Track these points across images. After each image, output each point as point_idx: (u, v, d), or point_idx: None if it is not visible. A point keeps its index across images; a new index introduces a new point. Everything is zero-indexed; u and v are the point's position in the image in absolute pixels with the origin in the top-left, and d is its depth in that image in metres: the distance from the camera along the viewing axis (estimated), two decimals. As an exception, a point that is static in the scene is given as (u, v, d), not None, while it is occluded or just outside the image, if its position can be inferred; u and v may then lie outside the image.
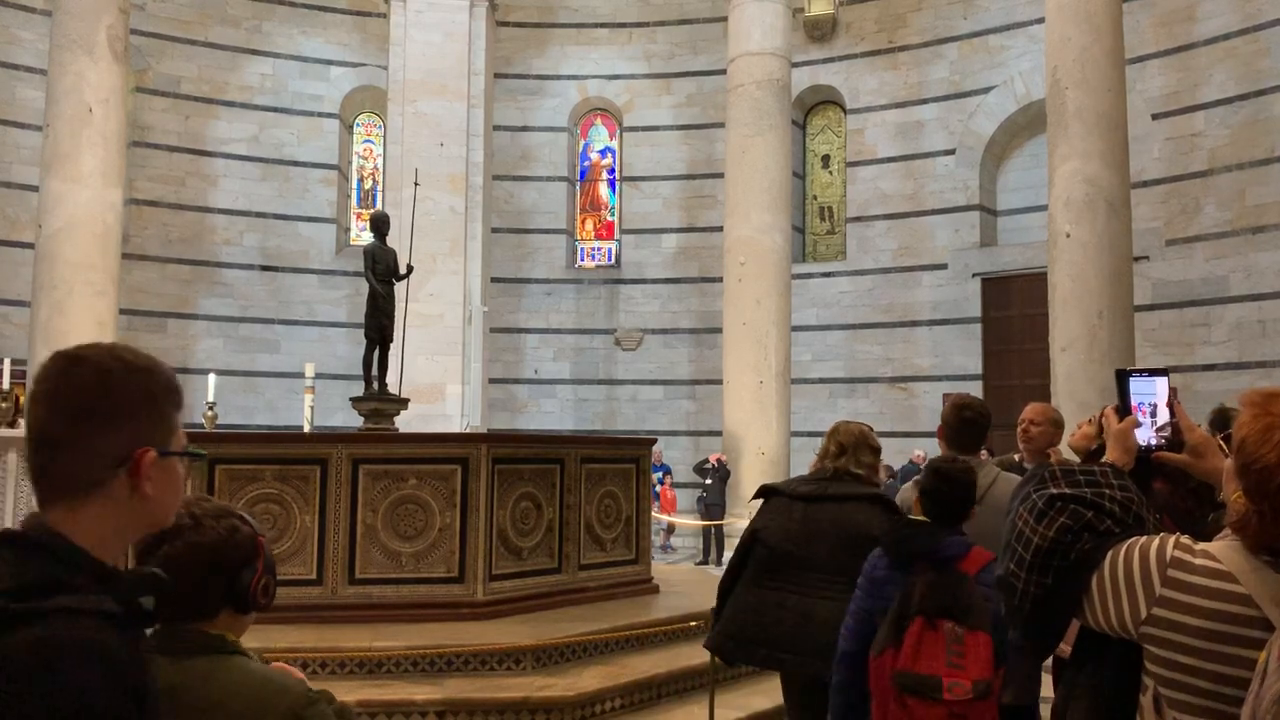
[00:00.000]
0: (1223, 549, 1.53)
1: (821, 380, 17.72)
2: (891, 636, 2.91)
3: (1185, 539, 1.59)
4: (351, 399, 8.00)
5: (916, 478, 3.61)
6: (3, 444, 9.89)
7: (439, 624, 5.65)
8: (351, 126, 19.21)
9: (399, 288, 8.12)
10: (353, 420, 8.68)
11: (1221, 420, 4.48)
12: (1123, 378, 1.98)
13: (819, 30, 18.26)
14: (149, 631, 1.38)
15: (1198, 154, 14.59)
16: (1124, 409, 1.94)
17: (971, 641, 2.86)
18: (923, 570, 2.99)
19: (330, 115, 18.60)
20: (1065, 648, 2.13)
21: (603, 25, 19.36)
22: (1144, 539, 1.63)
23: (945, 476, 3.18)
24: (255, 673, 1.62)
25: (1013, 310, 16.40)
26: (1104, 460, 1.86)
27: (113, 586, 1.15)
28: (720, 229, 15.78)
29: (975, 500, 3.23)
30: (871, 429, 3.91)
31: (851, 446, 3.75)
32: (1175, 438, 1.92)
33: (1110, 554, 1.63)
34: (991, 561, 2.99)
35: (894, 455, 14.53)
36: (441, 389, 15.22)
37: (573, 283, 19.25)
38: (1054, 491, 1.73)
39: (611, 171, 19.89)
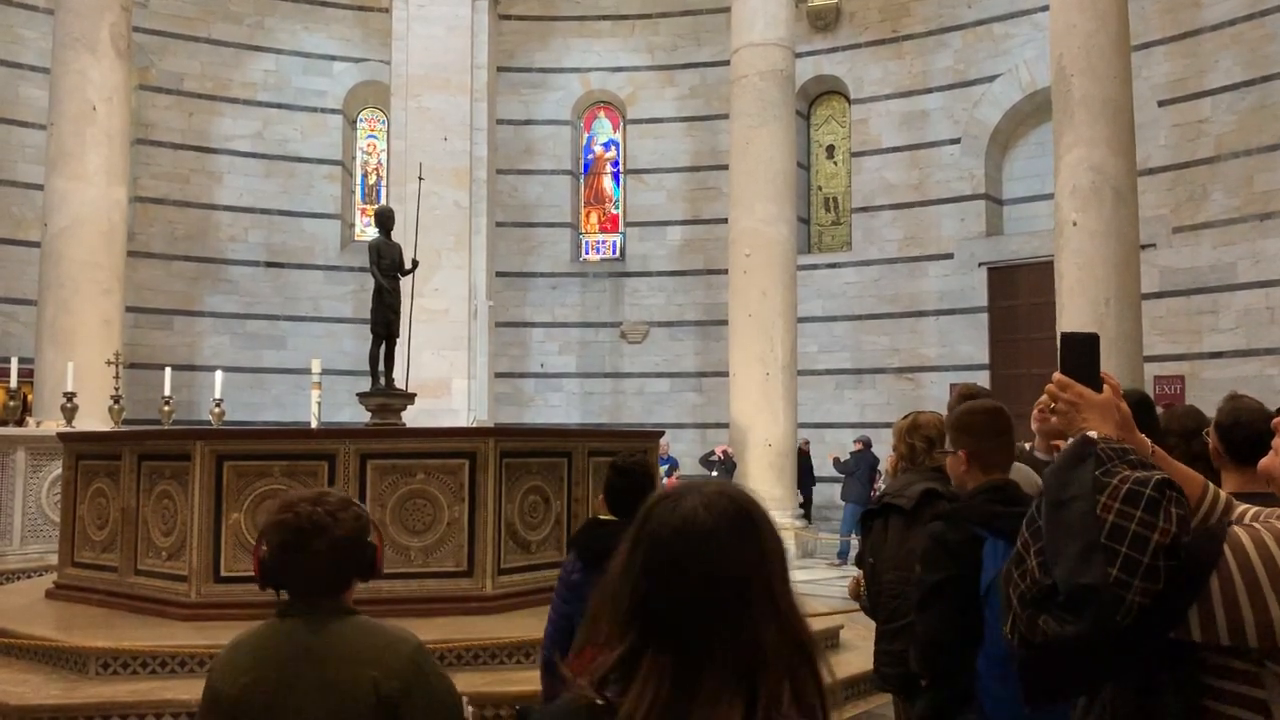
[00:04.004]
0: None
1: (828, 371, 17.70)
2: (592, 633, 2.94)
3: None
4: (358, 394, 8.02)
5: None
6: (11, 441, 9.90)
7: (448, 618, 5.66)
8: (355, 122, 19.20)
9: (404, 283, 8.13)
10: (360, 416, 8.68)
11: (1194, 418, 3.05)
12: (1088, 342, 1.67)
13: (822, 20, 18.19)
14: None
15: (1204, 140, 14.50)
16: (1089, 376, 1.64)
17: None
18: None
19: (334, 111, 18.59)
20: None
21: (605, 18, 19.32)
22: (1257, 528, 1.39)
23: (622, 471, 3.28)
24: (378, 626, 1.99)
25: (1019, 299, 16.34)
26: (1102, 436, 1.55)
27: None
28: (725, 221, 15.73)
29: (655, 488, 3.24)
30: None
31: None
32: None
33: (1229, 549, 1.36)
34: None
35: (901, 446, 14.50)
36: (447, 384, 15.22)
37: (578, 276, 19.23)
38: (1160, 475, 1.41)
39: (615, 164, 19.86)
